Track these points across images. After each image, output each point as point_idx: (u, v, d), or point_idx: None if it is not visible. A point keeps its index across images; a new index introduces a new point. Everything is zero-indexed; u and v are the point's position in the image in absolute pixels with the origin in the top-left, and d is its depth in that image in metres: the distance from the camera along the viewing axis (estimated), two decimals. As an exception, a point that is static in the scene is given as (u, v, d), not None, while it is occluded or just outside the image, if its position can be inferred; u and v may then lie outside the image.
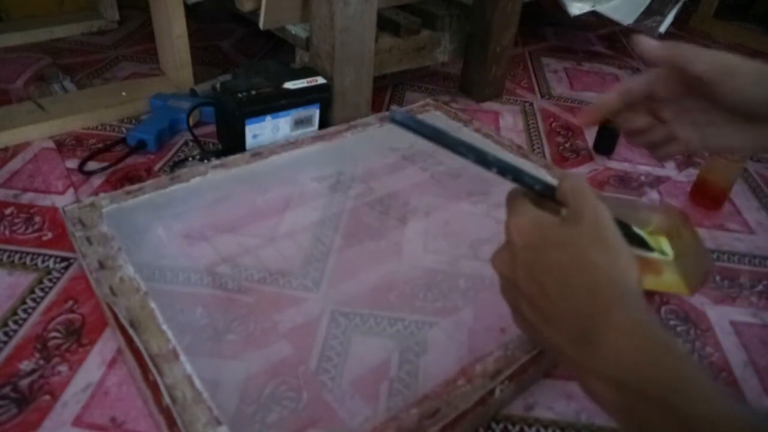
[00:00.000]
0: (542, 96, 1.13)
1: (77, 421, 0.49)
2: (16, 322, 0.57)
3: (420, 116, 0.90)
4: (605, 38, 1.45)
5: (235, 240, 0.66)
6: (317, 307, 0.59)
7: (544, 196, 0.39)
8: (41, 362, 0.53)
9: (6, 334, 0.56)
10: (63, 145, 0.85)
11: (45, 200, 0.74)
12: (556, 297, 0.35)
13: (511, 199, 0.40)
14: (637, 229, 0.43)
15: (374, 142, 0.86)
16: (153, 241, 0.64)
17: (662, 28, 1.25)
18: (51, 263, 0.64)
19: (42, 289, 0.61)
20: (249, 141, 0.81)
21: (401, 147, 0.86)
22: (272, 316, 0.57)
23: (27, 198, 0.74)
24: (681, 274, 0.41)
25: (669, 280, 0.41)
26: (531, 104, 1.10)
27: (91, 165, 0.80)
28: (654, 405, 0.30)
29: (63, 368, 0.53)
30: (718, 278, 0.70)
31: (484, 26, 1.02)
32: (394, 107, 1.02)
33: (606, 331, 0.33)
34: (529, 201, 0.39)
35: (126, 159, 0.82)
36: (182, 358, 0.49)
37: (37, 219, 0.70)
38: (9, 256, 0.65)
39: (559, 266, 0.35)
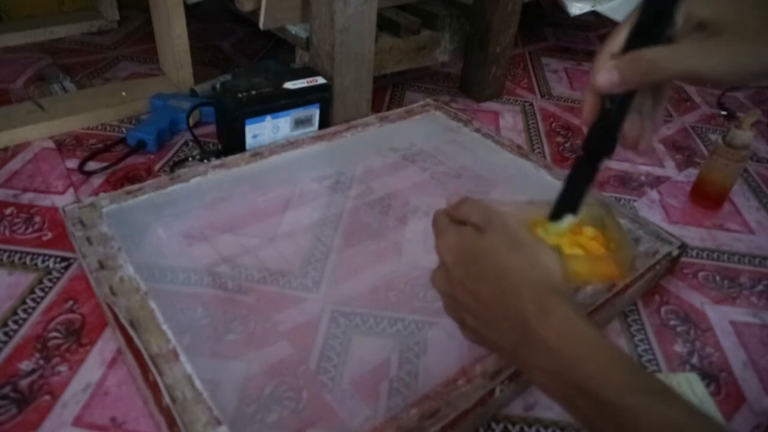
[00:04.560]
0: (542, 96, 1.13)
1: (77, 421, 0.49)
2: (16, 322, 0.57)
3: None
4: (605, 38, 1.44)
5: (235, 240, 0.66)
6: (317, 307, 0.59)
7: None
8: (41, 362, 0.53)
9: (6, 334, 0.56)
10: (63, 145, 0.85)
11: (45, 200, 0.74)
12: (491, 303, 0.37)
13: (434, 221, 0.43)
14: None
15: (374, 142, 0.86)
16: (153, 241, 0.64)
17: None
18: (51, 263, 0.64)
19: (42, 289, 0.61)
20: (249, 141, 0.81)
21: (401, 147, 0.86)
22: (272, 316, 0.57)
23: (27, 198, 0.74)
24: (614, 262, 0.43)
25: (603, 270, 0.43)
26: (531, 104, 1.10)
27: (91, 165, 0.80)
28: (588, 397, 0.32)
29: (63, 368, 0.53)
30: (718, 278, 0.70)
31: (484, 26, 1.02)
32: None
33: (540, 329, 0.34)
34: (449, 219, 0.42)
35: (126, 159, 0.82)
36: (182, 358, 0.49)
37: (37, 219, 0.70)
38: (9, 256, 0.65)
39: (486, 274, 0.37)
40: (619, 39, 0.37)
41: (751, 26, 0.34)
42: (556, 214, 0.43)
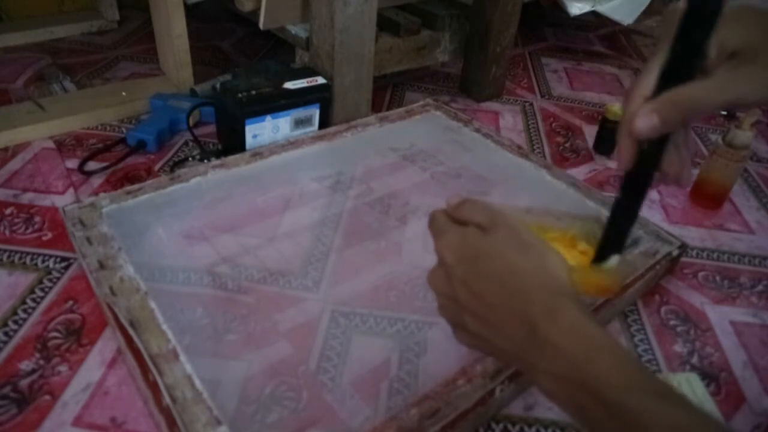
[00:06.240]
0: (542, 96, 1.13)
1: (77, 421, 0.49)
2: (16, 322, 0.57)
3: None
4: (605, 38, 1.45)
5: (235, 240, 0.66)
6: (317, 307, 0.59)
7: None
8: (41, 362, 0.53)
9: (6, 334, 0.56)
10: (63, 145, 0.85)
11: (45, 200, 0.74)
12: (497, 304, 0.37)
13: (431, 221, 0.42)
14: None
15: (374, 142, 0.86)
16: (153, 241, 0.64)
17: (662, 28, 1.25)
18: (51, 263, 0.64)
19: (42, 289, 0.61)
20: (249, 141, 0.81)
21: (401, 147, 0.86)
22: (272, 316, 0.57)
23: (27, 198, 0.74)
24: (603, 277, 0.43)
25: (592, 284, 0.43)
26: (531, 104, 1.10)
27: (91, 165, 0.80)
28: (595, 398, 0.32)
29: (63, 368, 0.53)
30: (718, 278, 0.70)
31: (484, 26, 1.02)
32: None
33: (547, 331, 0.34)
34: (448, 219, 0.41)
35: (126, 159, 0.82)
36: (182, 358, 0.49)
37: (37, 219, 0.70)
38: (9, 256, 0.65)
39: (493, 274, 0.37)
40: (648, 80, 0.36)
41: None
42: (601, 256, 0.42)
